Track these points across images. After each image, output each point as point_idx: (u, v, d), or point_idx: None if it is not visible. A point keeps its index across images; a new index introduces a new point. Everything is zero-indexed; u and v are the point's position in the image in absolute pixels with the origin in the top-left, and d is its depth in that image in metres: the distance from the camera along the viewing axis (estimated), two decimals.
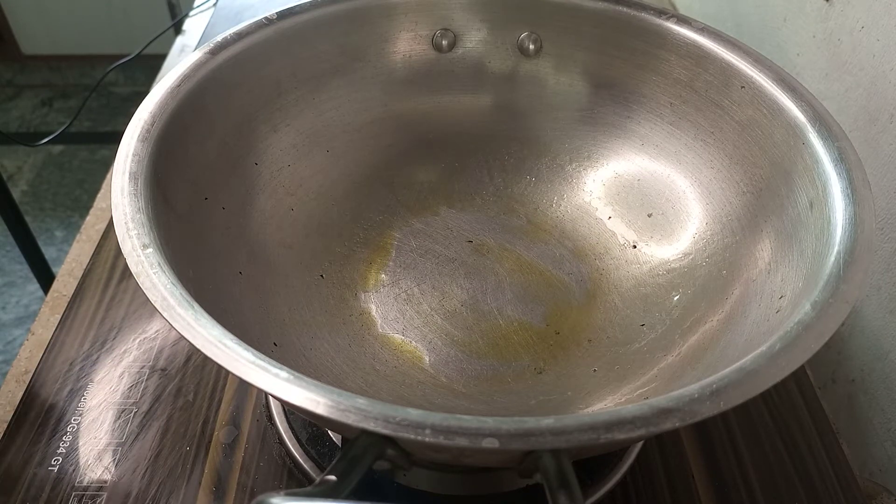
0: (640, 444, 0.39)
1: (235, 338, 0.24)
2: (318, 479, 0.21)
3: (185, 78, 0.35)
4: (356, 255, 0.43)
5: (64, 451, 0.37)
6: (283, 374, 0.23)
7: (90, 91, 0.78)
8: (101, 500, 0.35)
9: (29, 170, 1.56)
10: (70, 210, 1.47)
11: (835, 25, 0.49)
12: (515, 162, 0.47)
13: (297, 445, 0.38)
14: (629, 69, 0.43)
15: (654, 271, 0.41)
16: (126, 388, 0.41)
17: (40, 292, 1.11)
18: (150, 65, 0.82)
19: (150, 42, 0.77)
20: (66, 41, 1.80)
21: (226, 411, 0.40)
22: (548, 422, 0.22)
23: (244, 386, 0.41)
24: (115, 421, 0.39)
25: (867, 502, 0.38)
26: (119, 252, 0.27)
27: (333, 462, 0.21)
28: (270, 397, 0.39)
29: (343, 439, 0.37)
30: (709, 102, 0.40)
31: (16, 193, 1.47)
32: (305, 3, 0.41)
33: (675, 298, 0.39)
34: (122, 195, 0.29)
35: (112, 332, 0.44)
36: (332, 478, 0.21)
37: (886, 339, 0.44)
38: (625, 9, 0.42)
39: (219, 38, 0.38)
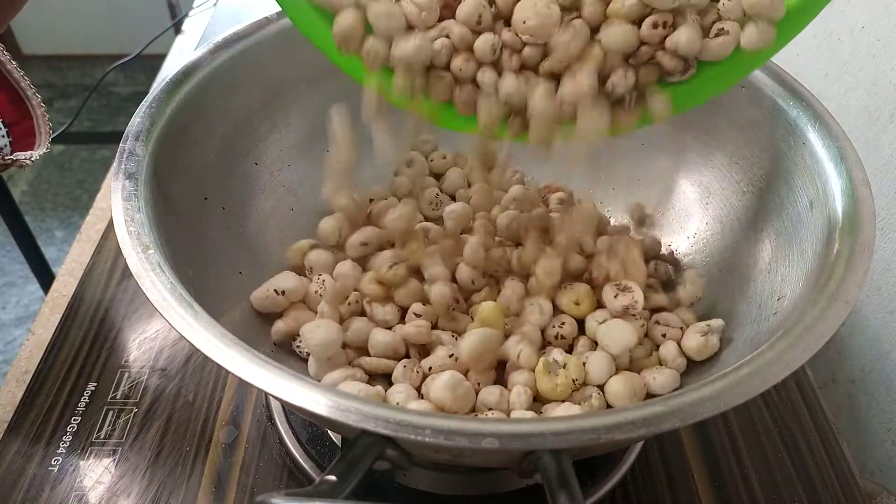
0: (640, 445, 0.39)
1: (235, 338, 0.24)
2: (318, 480, 0.21)
3: (186, 78, 0.35)
4: None
5: (64, 451, 0.37)
6: (284, 373, 0.23)
7: (90, 91, 0.78)
8: (101, 501, 0.35)
9: (29, 170, 1.56)
10: (70, 210, 1.47)
11: (835, 25, 0.50)
12: (515, 160, 0.47)
13: (297, 445, 0.38)
14: None
15: None
16: (126, 388, 0.41)
17: (40, 292, 1.11)
18: (150, 65, 0.82)
19: (150, 42, 0.77)
20: (66, 41, 1.80)
21: (226, 411, 0.40)
22: (548, 422, 0.22)
23: (244, 386, 0.41)
24: (115, 421, 0.39)
25: (867, 502, 0.38)
26: (119, 252, 0.27)
27: (333, 462, 0.21)
28: (270, 397, 0.39)
29: (343, 439, 0.37)
30: (709, 102, 0.40)
31: (16, 193, 1.47)
32: None
33: None
34: (121, 195, 0.29)
35: (112, 332, 0.44)
36: (332, 478, 0.21)
37: (886, 338, 0.44)
38: None
39: (219, 38, 0.38)
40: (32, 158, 0.38)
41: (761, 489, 0.38)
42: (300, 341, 0.34)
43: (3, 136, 0.37)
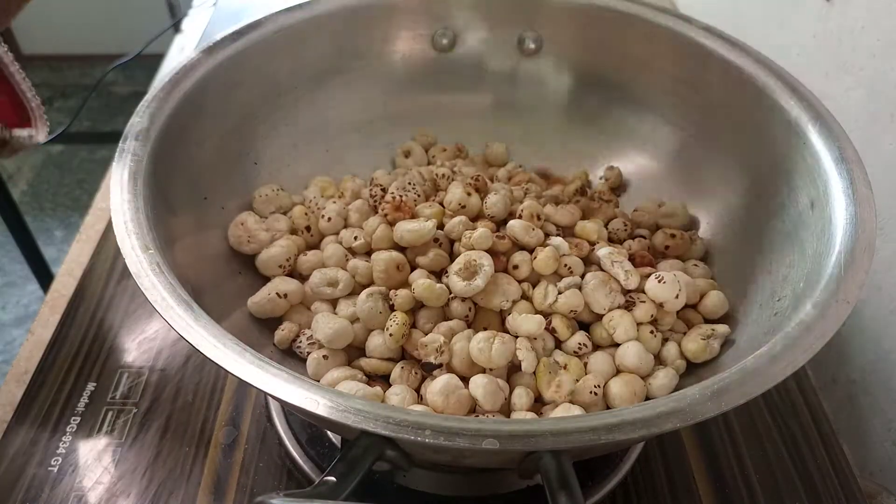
0: (640, 445, 0.39)
1: (235, 338, 0.24)
2: (317, 480, 0.21)
3: (185, 78, 0.35)
4: None
5: (64, 451, 0.37)
6: (283, 374, 0.23)
7: (90, 91, 0.78)
8: (101, 501, 0.35)
9: (29, 170, 1.56)
10: (70, 210, 1.47)
11: (835, 25, 0.49)
12: (516, 161, 0.47)
13: (297, 446, 0.38)
14: (629, 68, 0.43)
15: None
16: (126, 388, 0.41)
17: (40, 292, 1.11)
18: (150, 65, 0.82)
19: (150, 42, 0.77)
20: (66, 41, 1.80)
21: (225, 411, 0.40)
22: (548, 423, 0.22)
23: (244, 386, 0.41)
24: (114, 421, 0.39)
25: (867, 502, 0.38)
26: (119, 252, 0.27)
27: (333, 463, 0.21)
28: (270, 398, 0.39)
29: (343, 440, 0.37)
30: (709, 102, 0.40)
31: (16, 193, 1.47)
32: (306, 3, 0.41)
33: None
34: (121, 195, 0.29)
35: (112, 332, 0.44)
36: (332, 479, 0.21)
37: (887, 339, 0.44)
38: (625, 8, 0.42)
39: (218, 37, 0.38)
40: (33, 139, 0.37)
41: (761, 489, 0.38)
42: (300, 342, 0.34)
43: None
